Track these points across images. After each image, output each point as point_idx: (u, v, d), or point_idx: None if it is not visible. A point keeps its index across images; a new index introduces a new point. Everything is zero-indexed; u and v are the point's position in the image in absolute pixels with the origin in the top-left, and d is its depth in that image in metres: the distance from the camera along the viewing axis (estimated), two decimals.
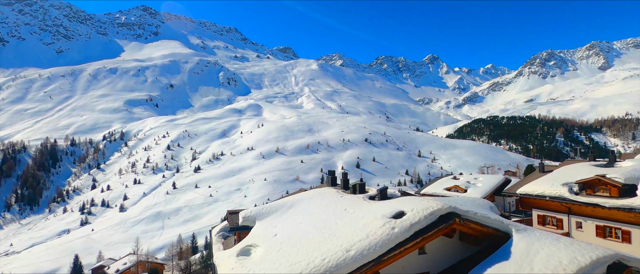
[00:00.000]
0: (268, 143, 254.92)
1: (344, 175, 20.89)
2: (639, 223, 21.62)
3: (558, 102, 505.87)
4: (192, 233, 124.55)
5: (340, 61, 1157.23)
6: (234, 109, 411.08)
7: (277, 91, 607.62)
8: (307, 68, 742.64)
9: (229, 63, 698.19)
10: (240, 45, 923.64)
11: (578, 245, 10.88)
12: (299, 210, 17.15)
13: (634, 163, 27.15)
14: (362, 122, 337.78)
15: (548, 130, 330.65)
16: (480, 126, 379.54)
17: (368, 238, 11.52)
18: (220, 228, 23.73)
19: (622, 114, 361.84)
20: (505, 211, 41.62)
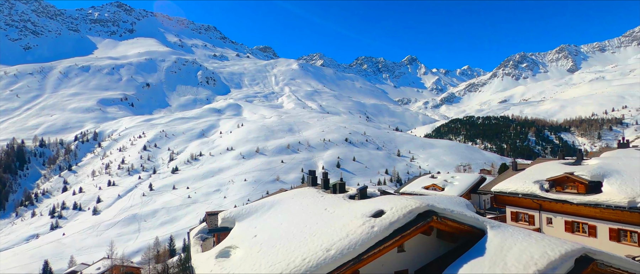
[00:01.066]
0: (248, 143, 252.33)
1: (324, 175, 20.95)
2: (603, 218, 22.77)
3: (530, 103, 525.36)
4: (169, 235, 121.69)
5: (321, 61, 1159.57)
6: (213, 109, 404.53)
7: (257, 90, 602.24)
8: (288, 68, 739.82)
9: (207, 62, 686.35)
10: (220, 44, 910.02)
11: (548, 240, 11.34)
12: (280, 210, 17.08)
13: (599, 161, 28.54)
14: (343, 122, 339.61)
15: (521, 129, 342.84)
16: (457, 126, 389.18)
17: (348, 237, 11.60)
18: (198, 229, 23.32)
19: (589, 114, 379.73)
20: (480, 209, 42.85)
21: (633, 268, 11.46)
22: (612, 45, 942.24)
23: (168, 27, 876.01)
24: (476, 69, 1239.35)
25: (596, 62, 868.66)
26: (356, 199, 16.19)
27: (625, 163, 26.01)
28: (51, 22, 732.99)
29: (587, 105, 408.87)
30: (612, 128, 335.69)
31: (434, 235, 13.35)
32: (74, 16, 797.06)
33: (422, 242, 13.16)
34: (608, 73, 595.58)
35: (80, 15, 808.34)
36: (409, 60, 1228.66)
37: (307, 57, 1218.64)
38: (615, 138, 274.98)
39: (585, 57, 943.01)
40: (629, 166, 24.93)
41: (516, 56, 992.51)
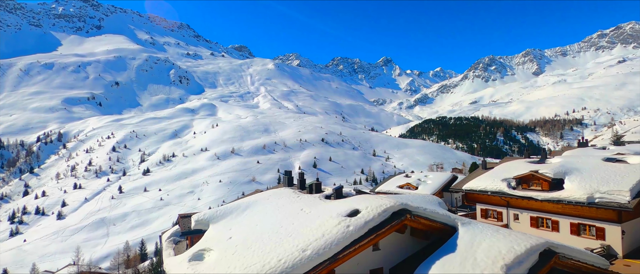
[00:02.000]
0: (223, 144, 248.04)
1: (301, 175, 20.94)
2: (565, 213, 24.02)
3: (498, 104, 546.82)
4: (140, 239, 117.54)
5: (297, 61, 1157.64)
6: (186, 109, 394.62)
7: (232, 90, 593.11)
8: (264, 67, 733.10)
9: (180, 61, 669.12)
10: (193, 42, 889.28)
11: (515, 235, 11.87)
12: (255, 212, 16.91)
13: (561, 159, 30.10)
14: (319, 122, 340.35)
15: (490, 130, 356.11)
16: (430, 126, 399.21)
17: (324, 237, 11.66)
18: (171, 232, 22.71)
19: (552, 115, 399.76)
20: (452, 206, 44.14)
21: (591, 260, 12.19)
22: (573, 50, 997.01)
23: (139, 24, 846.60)
24: (448, 71, 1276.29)
25: (559, 66, 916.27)
26: (332, 199, 16.28)
27: (584, 161, 27.58)
28: (10, 16, 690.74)
29: (551, 107, 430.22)
30: (573, 129, 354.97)
31: (408, 233, 13.65)
32: (36, 10, 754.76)
33: (396, 240, 13.42)
34: (569, 77, 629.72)
35: (43, 10, 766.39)
36: (384, 62, 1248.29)
37: (283, 57, 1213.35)
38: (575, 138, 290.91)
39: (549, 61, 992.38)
40: (587, 164, 26.44)
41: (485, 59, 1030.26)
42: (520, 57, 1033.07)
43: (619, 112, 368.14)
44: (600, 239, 22.26)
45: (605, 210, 21.66)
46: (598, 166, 25.37)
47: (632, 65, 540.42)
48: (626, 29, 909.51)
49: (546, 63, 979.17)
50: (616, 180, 22.50)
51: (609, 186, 21.93)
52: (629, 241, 22.04)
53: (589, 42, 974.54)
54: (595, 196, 21.96)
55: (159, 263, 57.50)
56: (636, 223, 22.77)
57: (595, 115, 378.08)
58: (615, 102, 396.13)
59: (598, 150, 39.26)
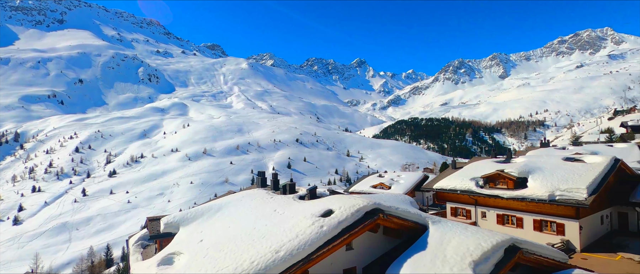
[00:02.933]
0: (195, 144, 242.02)
1: (274, 176, 20.75)
2: (529, 211, 25.18)
3: (467, 106, 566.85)
4: (106, 244, 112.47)
5: (271, 61, 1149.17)
6: (155, 108, 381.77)
7: (204, 89, 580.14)
8: (237, 66, 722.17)
9: (150, 59, 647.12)
10: (163, 39, 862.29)
11: (482, 233, 12.29)
12: (227, 213, 16.57)
13: (525, 159, 31.54)
14: (293, 123, 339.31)
15: (459, 130, 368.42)
16: (402, 127, 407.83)
17: (297, 238, 11.59)
18: (139, 236, 21.86)
19: (517, 117, 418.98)
20: (423, 205, 45.22)
21: (551, 255, 12.82)
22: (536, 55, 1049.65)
23: (105, 19, 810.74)
24: (420, 73, 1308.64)
25: (523, 70, 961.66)
26: (306, 199, 16.22)
27: (546, 160, 29.03)
28: None
29: (515, 109, 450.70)
30: (536, 130, 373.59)
31: (381, 232, 13.82)
32: None
33: (369, 239, 13.55)
34: (532, 80, 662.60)
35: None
36: (358, 63, 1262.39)
37: (257, 57, 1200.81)
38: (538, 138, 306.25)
39: (514, 65, 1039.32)
40: (549, 163, 27.86)
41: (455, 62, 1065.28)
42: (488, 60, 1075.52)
43: (577, 114, 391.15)
44: (560, 235, 23.48)
45: (565, 206, 22.88)
46: (558, 166, 26.78)
47: (588, 70, 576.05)
48: (583, 36, 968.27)
49: (511, 67, 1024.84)
50: (574, 178, 23.83)
51: (568, 185, 23.19)
52: (586, 235, 23.40)
53: (550, 48, 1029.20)
54: (556, 194, 23.15)
55: (126, 268, 55.24)
56: (592, 219, 24.22)
57: (556, 117, 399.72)
58: (574, 105, 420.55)
59: (558, 150, 41.50)
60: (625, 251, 21.92)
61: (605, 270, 17.42)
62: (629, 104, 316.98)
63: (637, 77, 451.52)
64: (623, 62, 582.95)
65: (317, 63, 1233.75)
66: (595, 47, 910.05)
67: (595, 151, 36.95)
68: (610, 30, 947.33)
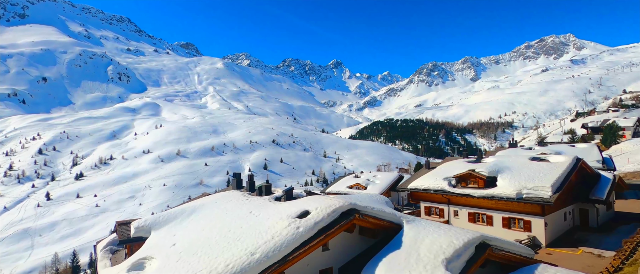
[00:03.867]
0: (168, 145, 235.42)
1: (250, 177, 20.50)
2: (498, 209, 26.15)
3: (440, 107, 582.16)
4: (72, 250, 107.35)
5: (248, 61, 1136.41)
6: (126, 108, 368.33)
7: (178, 89, 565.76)
8: (212, 66, 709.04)
9: (120, 57, 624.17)
10: (134, 37, 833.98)
11: (454, 231, 12.65)
12: (202, 216, 16.21)
13: (494, 159, 32.74)
14: (270, 123, 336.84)
15: (433, 131, 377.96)
16: (378, 128, 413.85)
17: (273, 240, 11.50)
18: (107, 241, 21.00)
19: (487, 118, 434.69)
20: (399, 205, 46.02)
21: (518, 251, 13.36)
22: (504, 59, 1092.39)
23: (71, 15, 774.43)
24: (395, 75, 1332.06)
25: (493, 73, 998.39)
26: (282, 200, 16.13)
27: (514, 160, 30.26)
28: None
29: (486, 110, 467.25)
30: (505, 130, 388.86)
31: (357, 232, 13.94)
32: None
33: (345, 239, 13.63)
34: (501, 83, 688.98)
35: None
36: (334, 64, 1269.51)
37: (233, 56, 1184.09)
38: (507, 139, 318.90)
39: (484, 68, 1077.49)
40: (516, 163, 29.06)
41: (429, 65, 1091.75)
42: (460, 63, 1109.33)
43: (542, 116, 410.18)
44: (527, 231, 24.53)
45: (531, 204, 23.93)
46: (525, 165, 27.98)
47: (553, 74, 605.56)
48: (548, 42, 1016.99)
49: (482, 70, 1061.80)
50: (540, 177, 24.97)
51: (534, 183, 24.26)
52: (551, 232, 24.56)
53: (518, 52, 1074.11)
54: (523, 192, 24.17)
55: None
56: (556, 216, 25.46)
57: (524, 119, 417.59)
58: (539, 107, 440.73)
59: (525, 150, 43.35)
60: (586, 245, 23.19)
61: (568, 264, 18.33)
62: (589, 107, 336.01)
63: (596, 81, 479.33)
64: (584, 67, 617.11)
65: (294, 63, 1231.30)
66: (559, 52, 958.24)
67: (559, 151, 38.88)
68: (572, 36, 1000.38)
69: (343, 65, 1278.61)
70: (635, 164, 70.19)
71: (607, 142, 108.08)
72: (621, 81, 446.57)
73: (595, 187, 28.10)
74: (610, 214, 30.40)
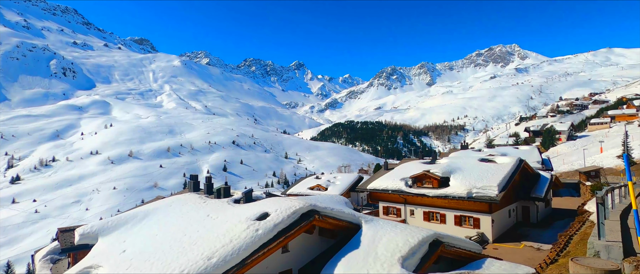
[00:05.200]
0: (119, 146, 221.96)
1: (208, 179, 19.91)
2: (450, 207, 27.53)
3: (399, 110, 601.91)
4: (7, 261, 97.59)
5: (207, 60, 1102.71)
6: (71, 106, 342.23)
7: (130, 87, 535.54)
8: (169, 64, 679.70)
9: (65, 50, 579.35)
10: (82, 30, 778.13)
11: (410, 229, 13.12)
12: (155, 220, 15.47)
13: (448, 160, 34.42)
14: (230, 124, 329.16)
15: (392, 133, 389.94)
16: (339, 130, 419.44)
17: (231, 243, 11.25)
18: (48, 250, 19.39)
19: (442, 121, 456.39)
20: (358, 205, 46.88)
21: (468, 247, 14.15)
22: (457, 65, 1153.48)
23: (8, 3, 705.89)
24: (356, 78, 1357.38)
25: (447, 79, 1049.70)
26: (241, 203, 15.84)
27: (465, 161, 32.03)
28: None
29: (440, 114, 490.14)
30: (458, 133, 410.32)
31: (316, 233, 14.02)
32: None
33: (305, 241, 13.65)
34: (455, 88, 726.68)
35: None
36: (296, 65, 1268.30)
37: (191, 54, 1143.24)
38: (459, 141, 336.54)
39: (439, 74, 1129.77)
40: (467, 164, 30.78)
41: (388, 69, 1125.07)
42: (417, 68, 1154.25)
43: (491, 120, 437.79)
44: (476, 228, 26.05)
45: (480, 202, 25.46)
46: (475, 166, 29.71)
47: (500, 81, 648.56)
48: (496, 51, 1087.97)
49: (437, 76, 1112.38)
50: (488, 177, 26.65)
51: (483, 183, 25.85)
52: (497, 228, 26.28)
53: (470, 60, 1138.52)
54: (473, 191, 25.66)
55: None
56: (502, 213, 27.29)
57: (474, 122, 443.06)
58: (488, 112, 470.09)
59: (475, 152, 45.98)
60: (527, 240, 25.08)
61: (512, 258, 19.70)
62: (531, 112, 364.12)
63: (537, 88, 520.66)
64: (527, 75, 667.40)
65: (255, 64, 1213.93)
66: (506, 61, 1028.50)
67: (505, 152, 41.73)
68: (517, 46, 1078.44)
69: (305, 67, 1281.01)
70: (569, 165, 77.08)
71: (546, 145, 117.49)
72: (558, 89, 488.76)
73: (536, 186, 30.50)
74: (548, 210, 33.13)
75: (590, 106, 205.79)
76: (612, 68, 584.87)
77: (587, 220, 21.70)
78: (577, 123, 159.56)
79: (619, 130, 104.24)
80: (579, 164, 70.82)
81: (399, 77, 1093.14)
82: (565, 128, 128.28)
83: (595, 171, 49.93)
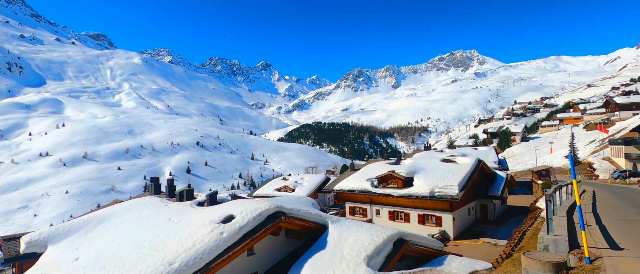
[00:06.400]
0: (72, 147, 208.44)
1: (170, 182, 19.17)
2: (414, 206, 28.36)
3: (365, 112, 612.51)
4: None
5: (170, 57, 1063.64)
6: (18, 104, 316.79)
7: (85, 84, 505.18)
8: (128, 61, 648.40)
9: (10, 44, 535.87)
10: (31, 22, 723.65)
11: (375, 229, 13.36)
12: (112, 225, 14.66)
13: (412, 161, 35.45)
14: (194, 124, 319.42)
15: (358, 134, 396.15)
16: (307, 131, 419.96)
17: (194, 247, 10.89)
18: None
19: (406, 123, 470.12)
20: (325, 206, 47.11)
21: (431, 244, 14.63)
22: (421, 69, 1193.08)
23: None
24: (323, 79, 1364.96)
25: (411, 81, 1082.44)
26: (205, 205, 15.40)
27: (428, 162, 33.14)
28: None
29: (405, 116, 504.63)
30: (421, 135, 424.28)
31: (283, 235, 13.91)
32: None
33: (271, 243, 13.50)
34: (418, 91, 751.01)
35: None
36: (263, 66, 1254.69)
37: (153, 52, 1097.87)
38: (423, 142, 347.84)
39: (404, 77, 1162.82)
40: (430, 164, 31.87)
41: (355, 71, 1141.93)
42: (383, 71, 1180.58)
43: (452, 122, 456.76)
44: (438, 226, 27.01)
45: (442, 201, 26.43)
46: (437, 166, 30.81)
47: (461, 85, 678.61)
48: (457, 55, 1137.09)
49: (402, 79, 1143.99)
50: (449, 176, 27.73)
51: (444, 182, 26.86)
52: (458, 225, 27.40)
53: (432, 64, 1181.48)
54: (435, 191, 26.59)
55: None
56: (462, 211, 28.49)
57: (437, 124, 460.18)
58: (450, 114, 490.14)
59: (438, 152, 47.69)
60: (485, 236, 26.37)
61: (471, 254, 20.62)
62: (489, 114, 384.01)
63: (495, 92, 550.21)
64: (485, 80, 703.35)
65: (221, 63, 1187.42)
66: (466, 65, 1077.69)
67: (465, 153, 43.63)
68: (476, 52, 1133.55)
69: (272, 67, 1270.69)
70: (523, 164, 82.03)
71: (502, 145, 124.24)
72: (513, 93, 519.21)
73: (493, 185, 32.16)
74: (504, 208, 35.04)
75: (541, 109, 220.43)
76: (560, 75, 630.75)
77: (538, 216, 23.17)
78: (530, 125, 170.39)
79: (566, 132, 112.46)
80: (532, 164, 75.59)
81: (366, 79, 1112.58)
82: (520, 130, 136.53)
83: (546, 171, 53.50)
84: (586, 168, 60.36)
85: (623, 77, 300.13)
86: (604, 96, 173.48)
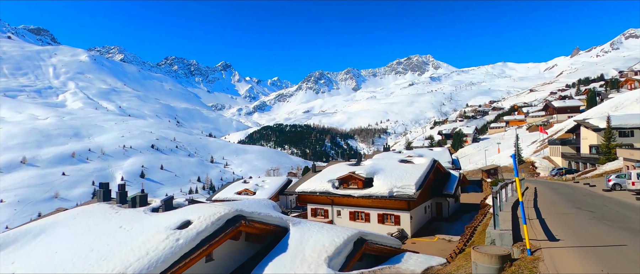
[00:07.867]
0: (8, 152, 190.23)
1: (121, 187, 18.09)
2: (374, 206, 29.05)
3: (326, 114, 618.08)
4: None
5: (121, 56, 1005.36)
6: None
7: (24, 83, 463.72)
8: (74, 58, 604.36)
9: None
10: None
11: (336, 229, 13.52)
12: (54, 236, 13.56)
13: (371, 162, 36.30)
14: (148, 126, 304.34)
15: (320, 136, 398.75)
16: (268, 133, 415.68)
17: (148, 255, 10.37)
18: None
19: (366, 125, 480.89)
20: (286, 208, 46.87)
21: (389, 243, 15.08)
22: (380, 73, 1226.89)
23: None
24: (285, 81, 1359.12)
25: (371, 84, 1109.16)
26: (160, 211, 14.71)
27: (387, 163, 34.12)
28: None
29: (365, 118, 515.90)
30: (381, 136, 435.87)
31: (243, 239, 13.64)
32: None
33: (231, 247, 13.20)
34: (378, 94, 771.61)
35: None
36: (223, 66, 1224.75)
37: (102, 49, 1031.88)
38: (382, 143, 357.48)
39: (364, 80, 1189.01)
40: (389, 165, 32.82)
41: (316, 73, 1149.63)
42: (343, 74, 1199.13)
43: (410, 124, 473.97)
44: (397, 225, 27.87)
45: (400, 201, 27.32)
46: (396, 167, 31.81)
47: (417, 88, 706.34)
48: (413, 60, 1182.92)
49: (362, 81, 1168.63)
50: (407, 177, 28.72)
51: (402, 182, 27.78)
52: (415, 223, 28.45)
53: (391, 67, 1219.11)
54: (394, 191, 27.42)
55: None
56: (419, 210, 29.62)
57: (395, 126, 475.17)
58: (407, 116, 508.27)
59: (396, 153, 49.23)
60: (440, 233, 27.61)
61: (427, 250, 21.49)
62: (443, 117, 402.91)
63: (448, 96, 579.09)
64: (440, 84, 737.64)
65: (178, 62, 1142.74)
66: (422, 70, 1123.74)
67: (421, 154, 45.46)
68: (431, 57, 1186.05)
69: (232, 68, 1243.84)
70: (474, 164, 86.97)
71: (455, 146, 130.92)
72: (465, 96, 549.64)
73: (447, 184, 33.78)
74: (457, 205, 36.91)
75: (490, 112, 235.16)
76: (506, 80, 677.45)
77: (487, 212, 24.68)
78: (480, 127, 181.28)
79: (512, 133, 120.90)
80: (482, 163, 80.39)
81: (327, 82, 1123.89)
82: (471, 131, 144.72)
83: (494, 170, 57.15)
84: (529, 166, 65.32)
85: (560, 83, 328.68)
86: (544, 100, 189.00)
